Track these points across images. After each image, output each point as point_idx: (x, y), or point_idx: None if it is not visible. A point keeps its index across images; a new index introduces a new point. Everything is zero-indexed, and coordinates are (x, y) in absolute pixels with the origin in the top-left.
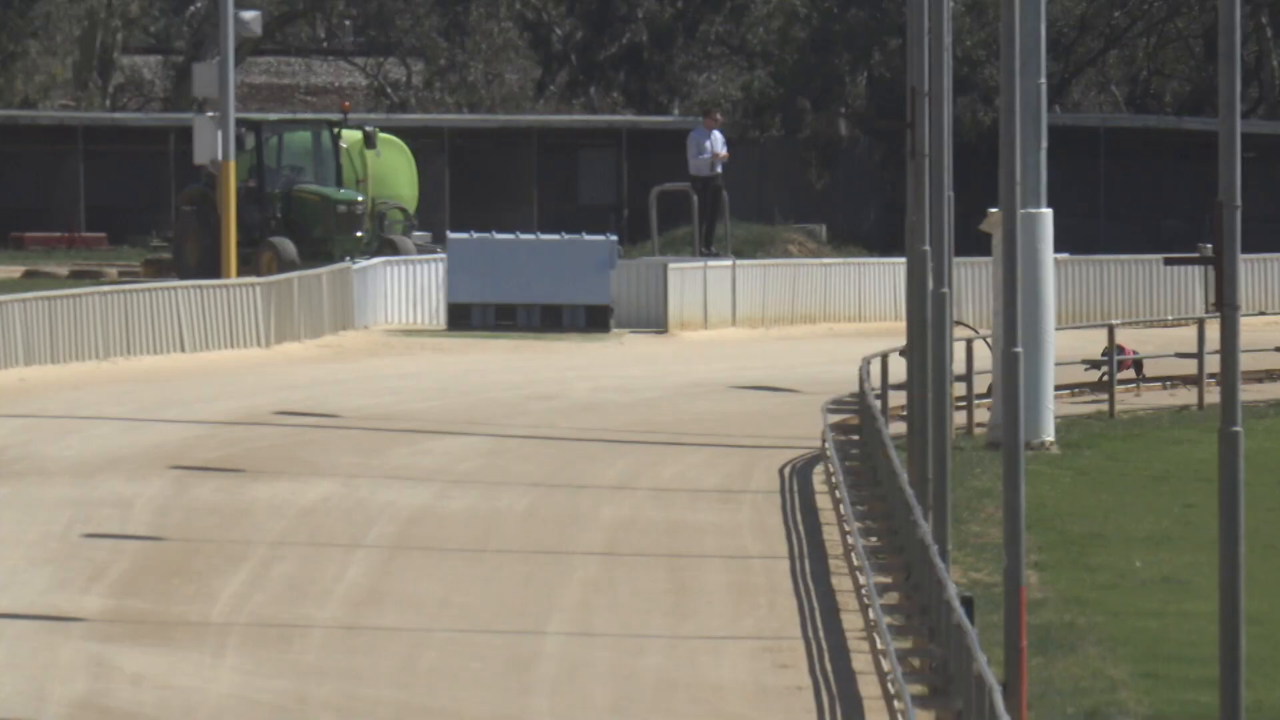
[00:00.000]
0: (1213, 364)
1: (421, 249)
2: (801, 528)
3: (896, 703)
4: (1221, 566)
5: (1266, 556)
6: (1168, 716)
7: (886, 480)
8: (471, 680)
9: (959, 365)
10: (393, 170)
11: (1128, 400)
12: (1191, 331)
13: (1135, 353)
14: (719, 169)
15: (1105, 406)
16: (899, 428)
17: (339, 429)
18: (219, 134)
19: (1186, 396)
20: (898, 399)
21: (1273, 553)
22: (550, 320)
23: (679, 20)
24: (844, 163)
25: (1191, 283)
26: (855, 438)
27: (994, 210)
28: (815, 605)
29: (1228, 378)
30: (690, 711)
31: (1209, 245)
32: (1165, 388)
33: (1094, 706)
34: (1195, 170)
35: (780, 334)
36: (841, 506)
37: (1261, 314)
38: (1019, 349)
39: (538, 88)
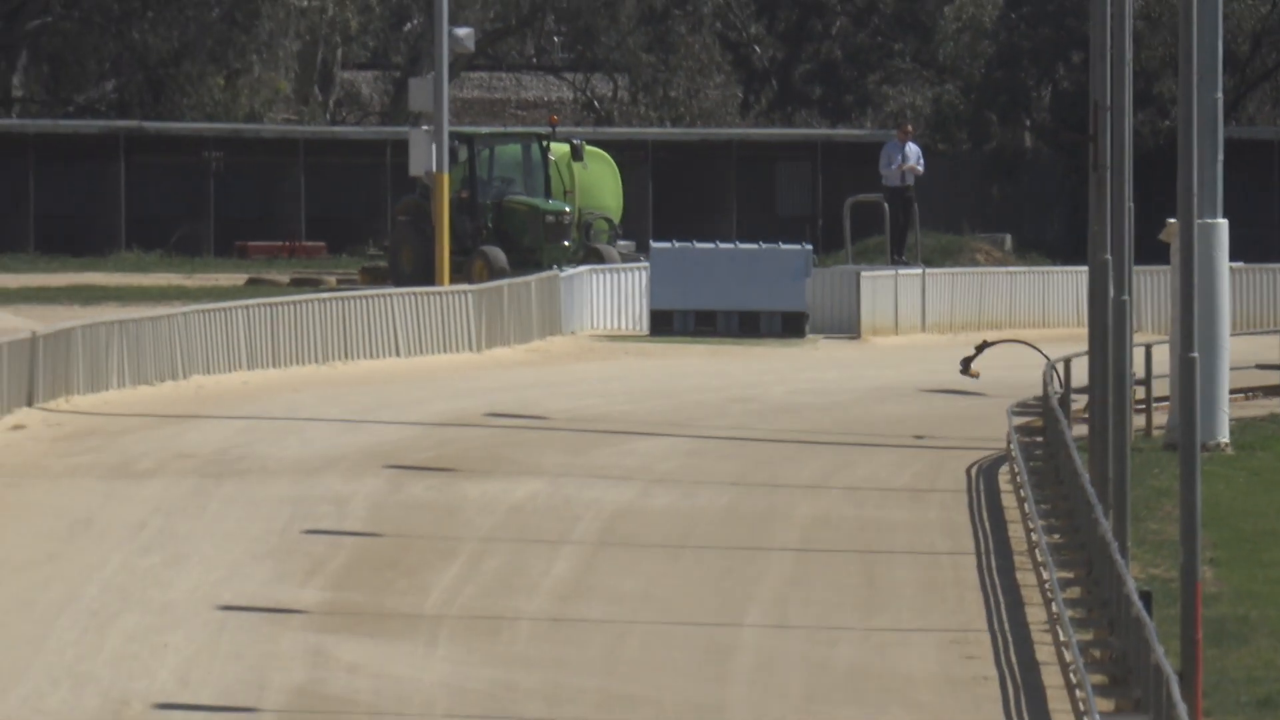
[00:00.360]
0: None
1: (625, 257)
2: (987, 525)
3: (1078, 692)
4: None
5: None
6: None
7: (1069, 480)
8: (672, 670)
9: (1138, 370)
10: (599, 181)
11: None
12: None
13: None
14: (910, 180)
15: (1279, 409)
16: (1080, 429)
17: (546, 430)
18: (433, 147)
19: None
20: (1079, 401)
21: None
22: (748, 326)
23: (874, 38)
24: (1028, 174)
25: None
26: (1039, 439)
27: (1172, 221)
28: (1000, 599)
29: None
30: (881, 701)
31: None
32: None
33: (1267, 695)
34: None
35: (968, 339)
36: (1025, 505)
37: None
38: (1195, 354)
39: (743, 106)
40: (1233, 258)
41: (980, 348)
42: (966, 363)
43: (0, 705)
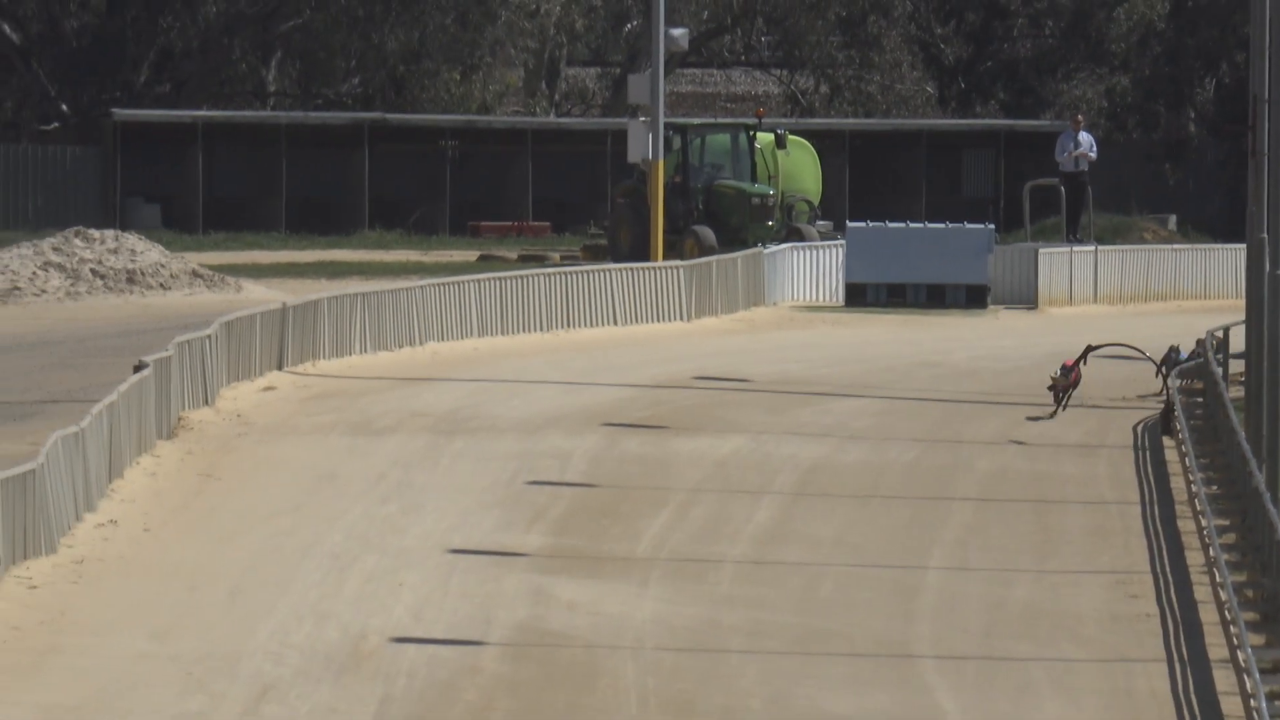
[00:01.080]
0: None
1: (824, 236)
2: (1151, 478)
3: (1232, 628)
4: None
5: None
6: None
7: (1226, 437)
8: (863, 608)
9: None
10: (800, 167)
11: None
12: None
13: None
14: (1084, 166)
15: None
16: (1236, 392)
17: (749, 391)
18: (650, 136)
19: None
20: (1236, 367)
21: None
22: (935, 298)
23: (1050, 39)
24: (1192, 160)
25: None
26: (1199, 400)
27: None
28: (1163, 545)
29: None
30: (1053, 636)
31: None
32: None
33: None
34: None
35: (1135, 310)
36: (1186, 459)
37: None
38: None
39: (939, 101)
40: None
41: (1084, 353)
42: (1065, 372)
43: (251, 640)
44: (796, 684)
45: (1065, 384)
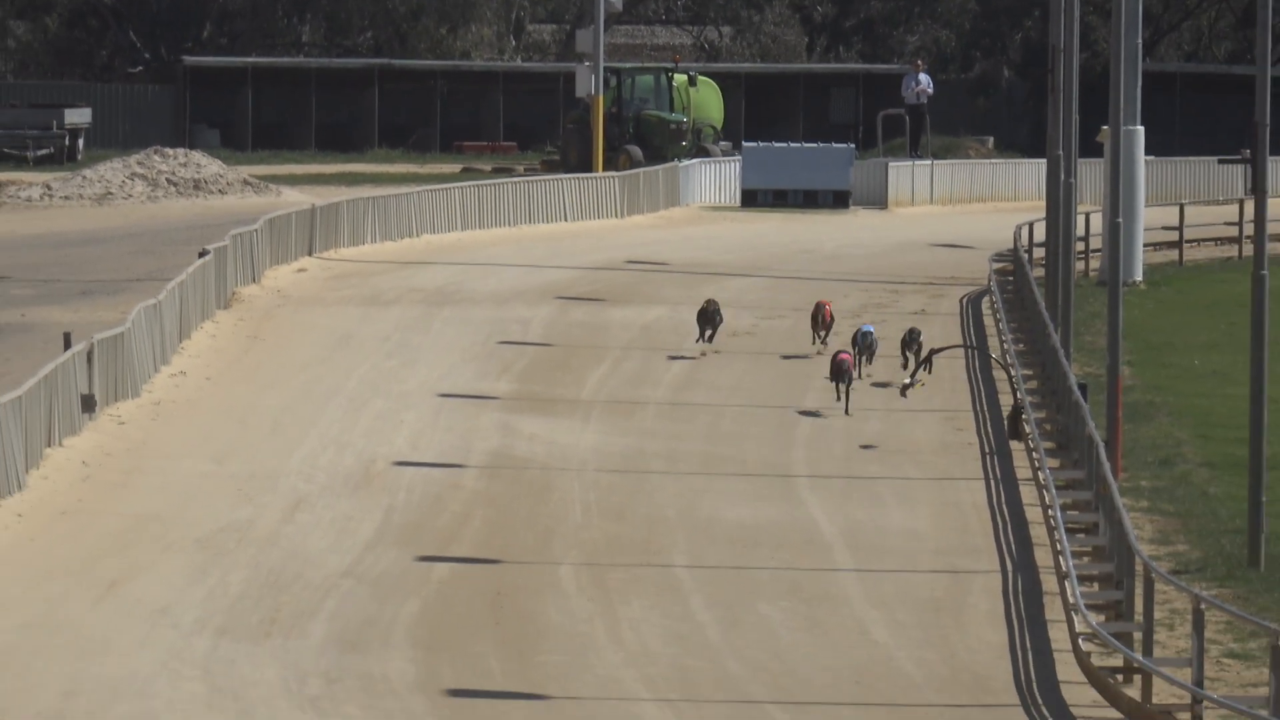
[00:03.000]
0: (1248, 230)
1: (725, 153)
2: (973, 337)
3: (1034, 453)
4: (1251, 364)
5: None
6: (1215, 462)
7: (1029, 306)
8: (754, 439)
9: (1080, 230)
10: (707, 101)
11: (1190, 254)
12: (1235, 208)
13: None
14: (924, 100)
15: (1176, 257)
16: (1038, 272)
17: (667, 273)
18: (592, 77)
19: (1230, 251)
20: (1039, 253)
21: None
22: (809, 200)
23: (898, 2)
24: (1005, 95)
25: (1235, 177)
26: (1010, 279)
27: (1105, 128)
28: (981, 389)
29: (1258, 238)
30: (897, 460)
31: (1248, 150)
32: (1217, 245)
33: (1166, 457)
34: (1244, 100)
35: (961, 209)
36: (1000, 323)
37: None
38: (1120, 220)
39: (807, 49)
40: (1145, 154)
41: (926, 358)
42: (911, 378)
43: (287, 463)
44: (702, 497)
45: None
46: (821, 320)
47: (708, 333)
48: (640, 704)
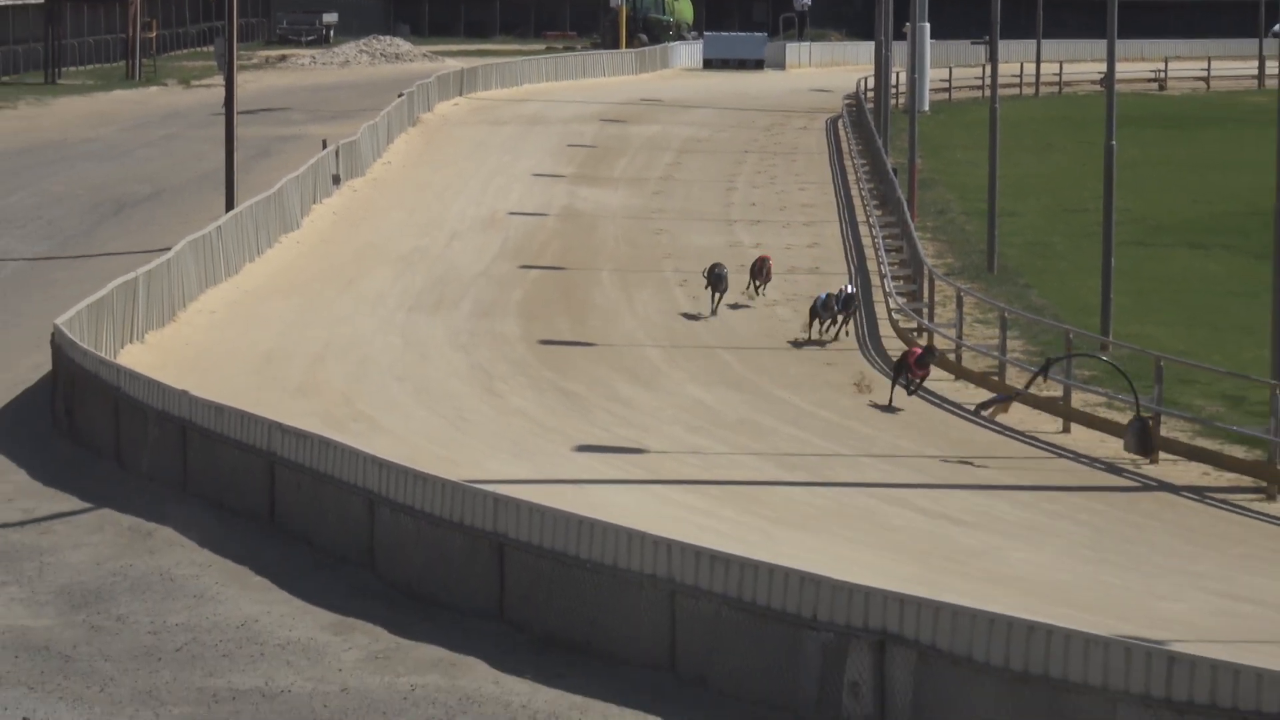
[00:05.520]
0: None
1: (695, 39)
2: (832, 143)
3: (867, 209)
4: (990, 157)
5: (1014, 145)
6: (968, 212)
7: (864, 124)
8: (710, 200)
9: (893, 81)
10: (684, 10)
11: (955, 96)
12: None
13: None
14: (805, 7)
15: (947, 98)
16: (872, 105)
17: (662, 106)
18: None
19: (978, 95)
20: (872, 95)
21: (1019, 149)
22: (741, 65)
23: None
24: (855, 4)
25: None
26: (853, 108)
27: (908, 24)
28: (839, 169)
29: (994, 89)
30: (786, 210)
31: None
32: (971, 91)
33: (941, 209)
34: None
35: (828, 70)
36: (847, 133)
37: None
38: (916, 75)
39: None
40: (931, 37)
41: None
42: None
43: (448, 213)
44: (683, 234)
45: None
46: (762, 272)
47: (717, 298)
48: (646, 349)
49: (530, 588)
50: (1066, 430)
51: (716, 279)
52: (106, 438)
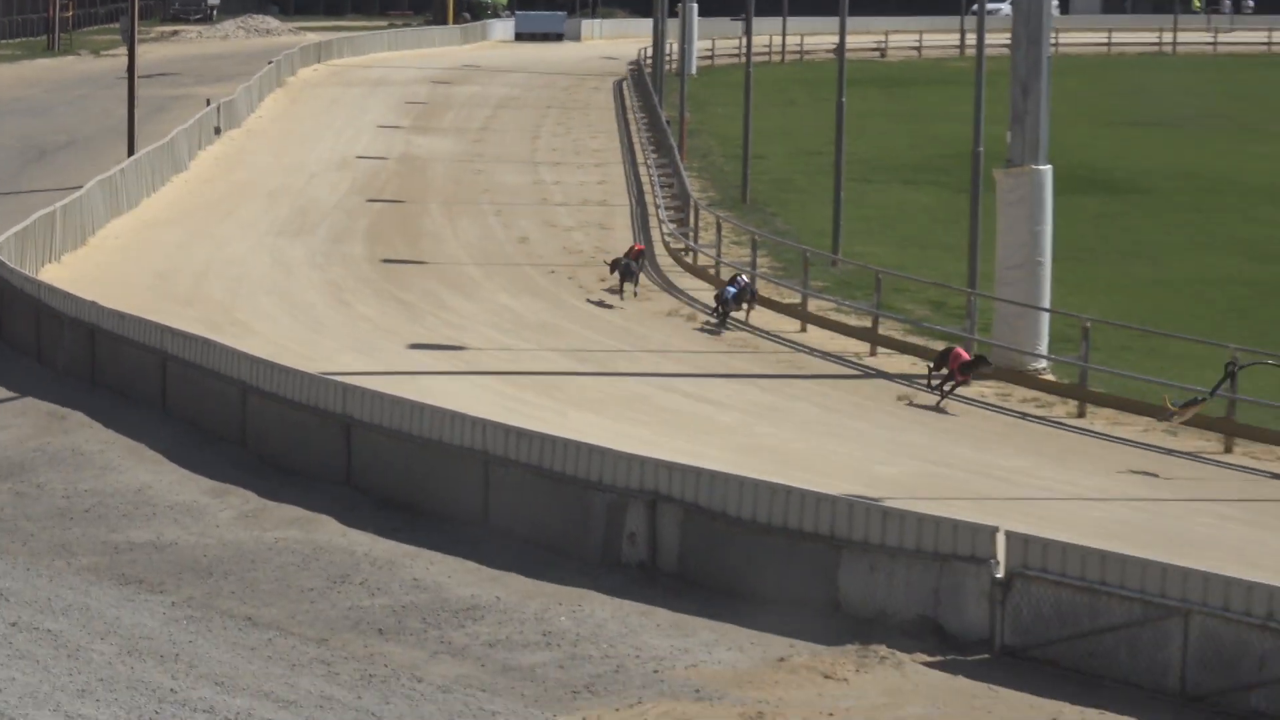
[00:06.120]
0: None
1: (508, 17)
2: (618, 97)
3: (643, 152)
4: (745, 113)
5: (764, 102)
6: (727, 155)
7: (644, 85)
8: (519, 145)
9: (668, 50)
10: None
11: (717, 63)
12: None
13: None
14: None
15: (710, 64)
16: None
17: (482, 71)
18: None
19: (738, 63)
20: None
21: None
22: (544, 37)
23: None
24: None
25: (729, 26)
26: (635, 72)
27: (680, 2)
28: (623, 119)
29: (748, 59)
30: (580, 155)
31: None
32: (730, 58)
33: (705, 152)
34: None
35: (616, 42)
36: (629, 93)
37: None
38: (685, 45)
39: None
40: (700, 15)
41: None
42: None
43: (309, 157)
44: (497, 174)
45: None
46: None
47: (627, 285)
48: (466, 266)
49: (371, 459)
50: (804, 330)
51: (627, 272)
52: (29, 340)
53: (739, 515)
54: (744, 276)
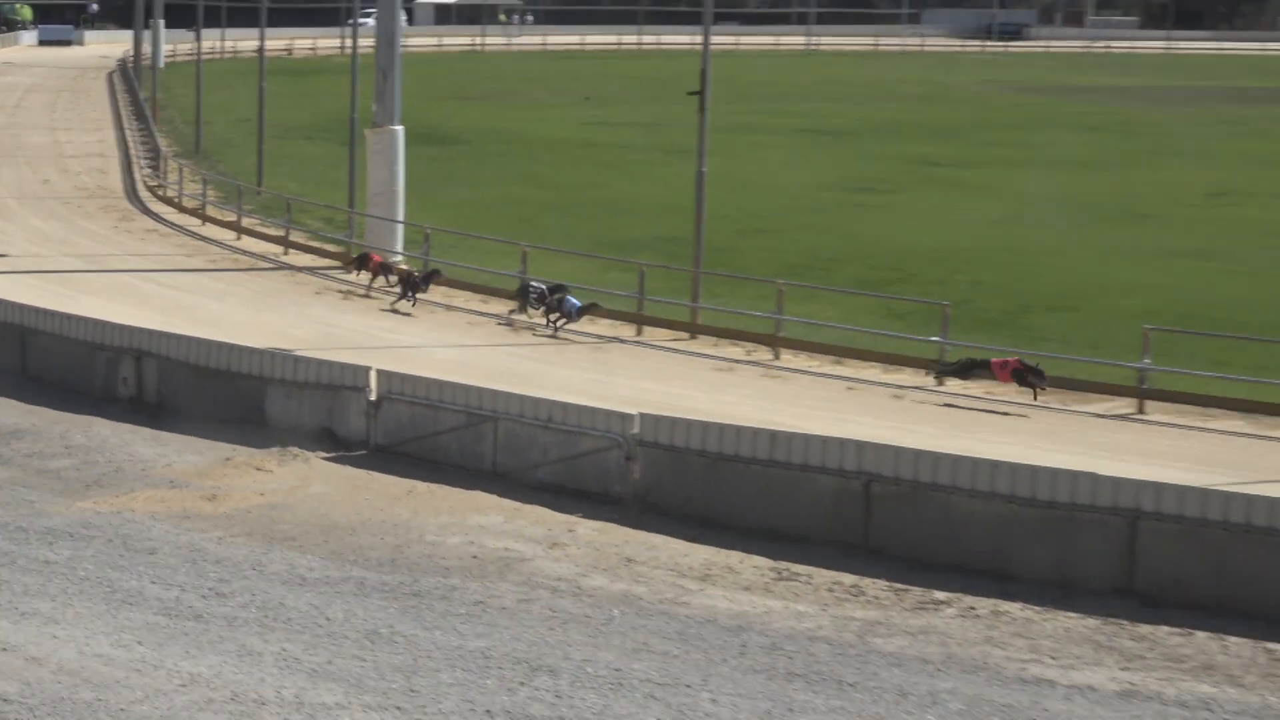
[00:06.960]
0: None
1: (34, 27)
2: (110, 83)
3: (127, 120)
4: (196, 94)
5: (219, 85)
6: (187, 121)
7: (128, 75)
8: (41, 117)
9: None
10: (28, 11)
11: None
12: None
13: None
14: None
15: (174, 59)
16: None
17: (17, 66)
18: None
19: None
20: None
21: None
22: (62, 43)
23: None
24: None
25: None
26: (123, 66)
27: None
28: (113, 100)
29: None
30: (81, 121)
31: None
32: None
33: (171, 119)
34: None
35: (110, 46)
36: (118, 81)
37: None
38: (154, 48)
39: None
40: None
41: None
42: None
43: None
44: (26, 136)
45: None
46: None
47: (410, 294)
48: (6, 200)
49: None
50: (239, 239)
51: (411, 283)
52: None
53: (197, 363)
54: (540, 282)
